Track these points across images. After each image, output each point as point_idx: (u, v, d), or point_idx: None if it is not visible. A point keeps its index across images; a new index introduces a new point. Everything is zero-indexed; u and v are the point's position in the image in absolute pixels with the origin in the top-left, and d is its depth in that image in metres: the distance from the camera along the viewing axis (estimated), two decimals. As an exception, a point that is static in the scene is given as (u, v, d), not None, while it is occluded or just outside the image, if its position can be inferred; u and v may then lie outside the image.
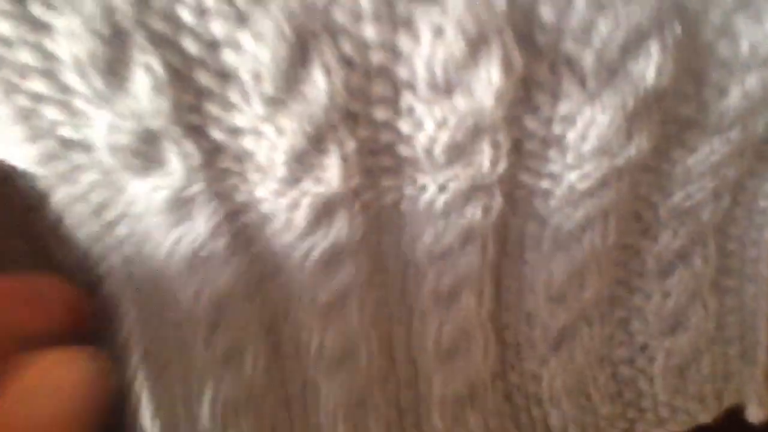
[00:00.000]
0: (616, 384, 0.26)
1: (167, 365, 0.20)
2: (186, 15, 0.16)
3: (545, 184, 0.21)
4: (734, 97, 0.19)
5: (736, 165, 0.21)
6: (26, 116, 0.18)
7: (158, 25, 0.16)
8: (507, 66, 0.17)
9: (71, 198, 0.19)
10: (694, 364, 0.26)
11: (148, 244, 0.19)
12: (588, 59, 0.17)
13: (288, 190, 0.19)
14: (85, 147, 0.18)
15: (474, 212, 0.20)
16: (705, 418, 0.26)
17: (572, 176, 0.20)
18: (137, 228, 0.19)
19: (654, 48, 0.17)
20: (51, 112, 0.17)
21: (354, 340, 0.21)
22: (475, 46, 0.17)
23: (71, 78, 0.17)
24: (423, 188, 0.20)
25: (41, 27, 0.16)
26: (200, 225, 0.19)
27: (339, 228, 0.19)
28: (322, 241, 0.19)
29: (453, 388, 0.25)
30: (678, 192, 0.22)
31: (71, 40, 0.16)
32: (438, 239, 0.21)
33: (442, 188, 0.19)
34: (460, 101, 0.17)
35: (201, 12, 0.16)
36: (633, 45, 0.17)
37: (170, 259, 0.19)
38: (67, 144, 0.18)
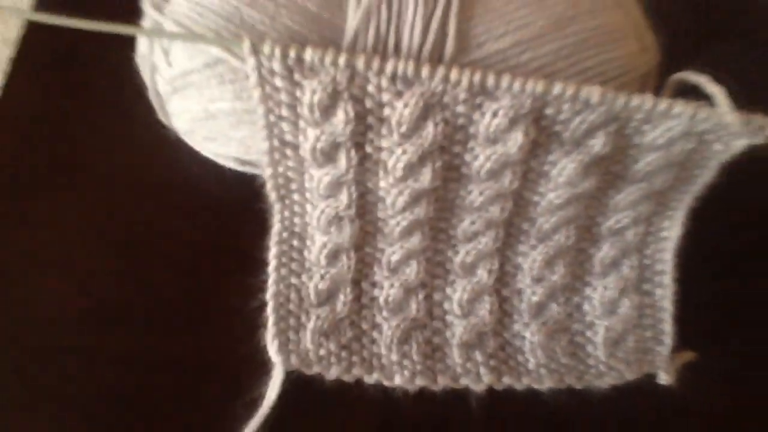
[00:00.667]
0: (572, 346, 0.40)
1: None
2: (370, 87, 0.32)
3: (536, 197, 0.36)
4: (642, 164, 0.35)
5: (646, 204, 0.37)
6: (272, 129, 0.34)
7: (355, 91, 0.32)
8: (526, 136, 0.33)
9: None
10: (623, 340, 0.40)
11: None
12: (567, 136, 0.34)
13: (399, 182, 0.35)
14: (294, 147, 0.34)
15: (494, 210, 0.36)
16: (629, 376, 0.40)
17: (551, 195, 0.36)
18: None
19: (601, 133, 0.34)
20: (286, 128, 0.33)
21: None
22: (513, 126, 0.33)
23: (305, 112, 0.33)
24: (473, 159, 0.35)
25: (296, 84, 0.32)
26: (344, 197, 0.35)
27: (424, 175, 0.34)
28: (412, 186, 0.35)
29: (467, 337, 0.39)
30: (612, 217, 0.38)
31: (311, 93, 0.32)
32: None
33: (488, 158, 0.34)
34: (500, 148, 0.34)
35: (378, 88, 0.32)
36: (591, 131, 0.34)
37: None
38: (285, 143, 0.34)
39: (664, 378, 0.40)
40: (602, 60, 0.34)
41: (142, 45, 0.36)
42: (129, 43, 0.37)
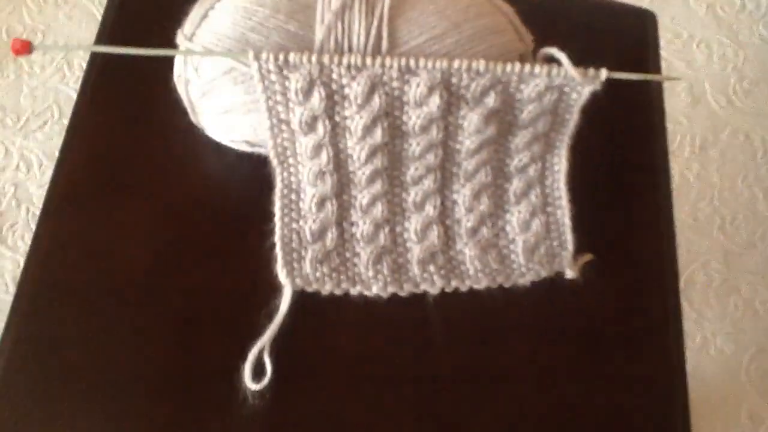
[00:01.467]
0: (500, 257, 0.55)
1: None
2: (334, 75, 0.49)
3: (458, 146, 0.52)
4: (525, 113, 0.51)
5: (537, 145, 0.53)
6: (271, 111, 0.50)
7: (324, 79, 0.49)
8: (441, 98, 0.49)
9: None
10: (537, 249, 0.55)
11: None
12: (469, 96, 0.50)
13: (360, 141, 0.50)
14: (287, 123, 0.50)
15: (430, 157, 0.52)
16: (544, 274, 0.54)
17: (467, 142, 0.52)
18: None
19: (492, 92, 0.50)
20: (281, 108, 0.50)
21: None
22: (431, 92, 0.49)
23: (292, 96, 0.49)
24: (408, 119, 0.50)
25: (285, 78, 0.49)
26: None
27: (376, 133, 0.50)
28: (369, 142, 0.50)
29: (422, 256, 0.54)
30: (515, 157, 0.54)
31: (296, 82, 0.48)
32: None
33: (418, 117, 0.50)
34: (425, 109, 0.50)
35: (339, 75, 0.49)
36: (485, 92, 0.50)
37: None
38: (281, 121, 0.50)
39: (569, 274, 0.55)
40: (488, 46, 0.50)
41: (177, 66, 0.52)
42: (166, 72, 0.54)
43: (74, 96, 0.61)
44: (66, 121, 1.22)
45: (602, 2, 0.67)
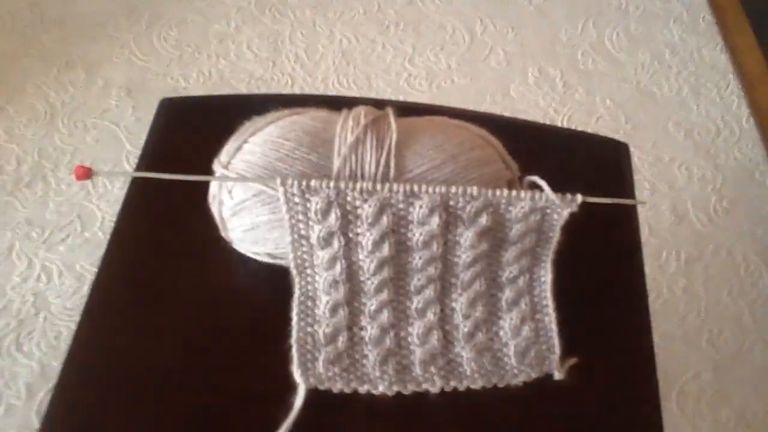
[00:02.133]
0: (495, 359, 0.61)
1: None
2: (349, 198, 0.57)
3: (456, 259, 0.60)
4: (514, 231, 0.59)
5: (524, 259, 0.61)
6: (293, 228, 0.58)
7: (340, 201, 0.57)
8: (440, 218, 0.57)
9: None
10: (527, 352, 0.61)
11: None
12: (465, 216, 0.58)
13: (370, 254, 0.58)
14: (306, 238, 0.58)
15: (431, 269, 0.59)
16: (535, 375, 0.60)
17: (464, 256, 0.59)
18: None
19: (484, 213, 0.58)
20: (302, 226, 0.58)
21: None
22: (432, 213, 0.57)
23: (312, 215, 0.57)
24: (413, 236, 0.58)
25: (307, 200, 0.57)
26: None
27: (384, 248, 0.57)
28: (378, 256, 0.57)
29: (424, 357, 0.60)
30: (507, 269, 0.61)
31: (315, 204, 0.57)
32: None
33: (420, 234, 0.58)
34: (427, 227, 0.58)
35: (353, 198, 0.57)
36: (479, 212, 0.58)
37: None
38: (301, 236, 0.58)
39: (557, 375, 0.60)
40: (480, 174, 0.59)
41: (213, 188, 0.61)
42: (195, 192, 0.62)
43: (96, 211, 0.70)
44: (88, 234, 1.31)
45: (581, 133, 0.77)
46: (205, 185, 0.62)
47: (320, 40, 1.70)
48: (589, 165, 0.74)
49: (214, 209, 0.61)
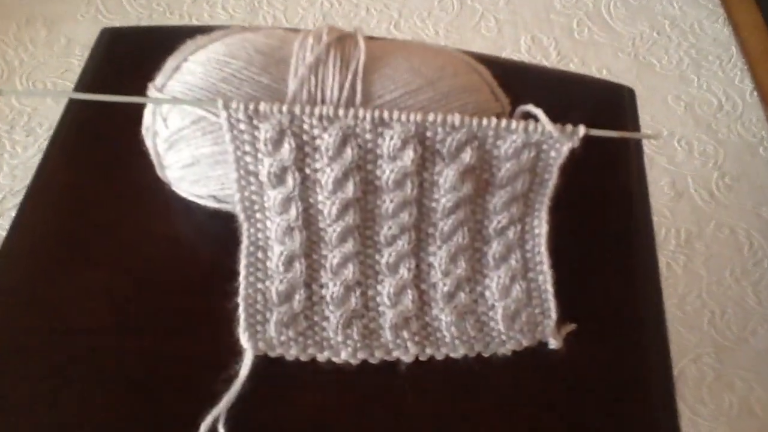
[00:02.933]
0: (479, 324, 0.51)
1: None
2: (305, 126, 0.47)
3: (433, 204, 0.50)
4: (503, 171, 0.50)
5: (516, 206, 0.51)
6: (239, 162, 0.48)
7: (295, 129, 0.47)
8: (415, 152, 0.48)
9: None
10: (518, 316, 0.52)
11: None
12: (445, 151, 0.48)
13: (331, 195, 0.48)
14: (255, 174, 0.48)
15: (404, 216, 0.50)
16: (526, 343, 0.51)
17: (443, 200, 0.50)
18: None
19: (468, 148, 0.48)
20: (249, 159, 0.48)
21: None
22: (405, 146, 0.48)
23: (261, 146, 0.47)
24: (382, 173, 0.48)
25: (255, 127, 0.47)
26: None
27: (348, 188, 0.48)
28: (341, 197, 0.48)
29: (396, 320, 0.51)
30: (494, 219, 0.52)
31: (265, 132, 0.47)
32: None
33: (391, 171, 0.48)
34: (399, 163, 0.48)
35: (310, 126, 0.47)
36: (461, 147, 0.48)
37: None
38: (249, 173, 0.48)
39: (553, 344, 0.51)
40: (463, 103, 0.49)
41: (147, 118, 0.51)
42: (136, 128, 0.53)
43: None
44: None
45: (583, 77, 0.68)
46: (142, 120, 0.52)
47: (300, 2, 1.60)
48: (591, 109, 0.64)
49: (149, 143, 0.52)
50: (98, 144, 0.59)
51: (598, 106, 0.66)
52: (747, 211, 1.37)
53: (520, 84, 0.55)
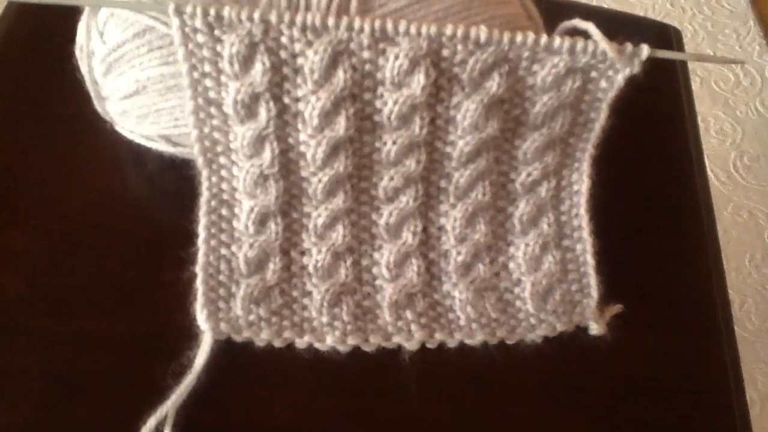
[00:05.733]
0: (502, 303, 0.41)
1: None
2: (284, 39, 0.36)
3: (448, 148, 0.39)
4: (538, 107, 0.38)
5: (551, 154, 0.40)
6: (196, 87, 0.36)
7: (270, 42, 0.36)
8: (427, 76, 0.36)
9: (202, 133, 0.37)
10: (550, 294, 0.41)
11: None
12: (465, 77, 0.37)
13: (317, 133, 0.37)
14: (218, 104, 0.37)
15: (410, 163, 0.39)
16: (561, 327, 0.40)
17: (461, 143, 0.39)
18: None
19: (495, 74, 0.37)
20: (209, 83, 0.36)
21: None
22: (414, 69, 0.36)
23: (225, 66, 0.36)
24: (383, 105, 0.37)
25: (217, 39, 0.36)
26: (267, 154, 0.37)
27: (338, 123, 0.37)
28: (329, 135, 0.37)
29: (396, 297, 0.40)
30: (523, 171, 0.41)
31: (230, 46, 0.36)
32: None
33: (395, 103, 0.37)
34: (405, 91, 0.37)
35: (290, 39, 0.36)
36: (486, 72, 0.37)
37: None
38: (210, 101, 0.37)
39: (594, 329, 0.41)
40: (489, 17, 0.38)
41: (80, 35, 0.39)
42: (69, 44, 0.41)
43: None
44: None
45: (625, 14, 0.57)
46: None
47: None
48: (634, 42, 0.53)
49: (83, 68, 0.40)
50: (20, 72, 0.47)
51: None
52: (767, 192, 1.28)
53: (555, 22, 0.43)
